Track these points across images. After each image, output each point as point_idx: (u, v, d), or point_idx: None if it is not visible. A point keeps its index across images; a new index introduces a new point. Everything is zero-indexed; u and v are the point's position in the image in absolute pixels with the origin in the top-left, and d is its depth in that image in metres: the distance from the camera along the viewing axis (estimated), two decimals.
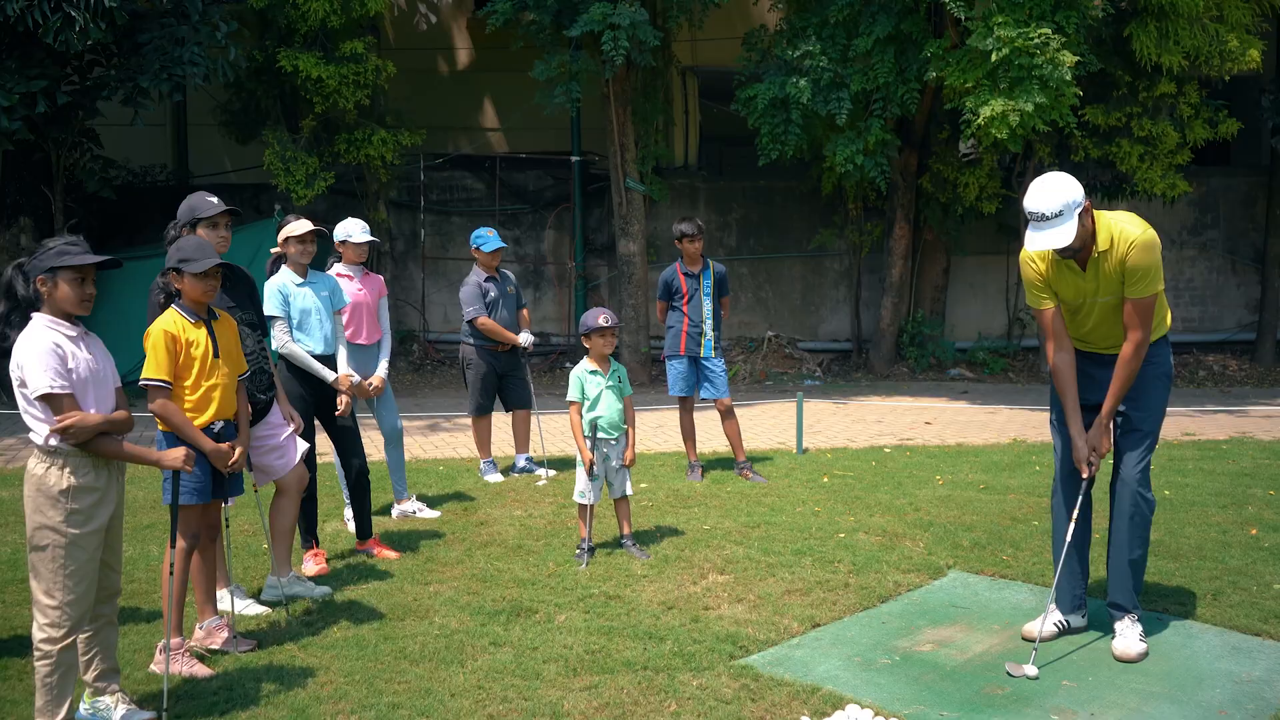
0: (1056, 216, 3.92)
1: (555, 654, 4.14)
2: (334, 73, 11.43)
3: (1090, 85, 11.36)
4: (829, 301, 15.30)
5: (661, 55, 13.33)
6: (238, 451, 3.91)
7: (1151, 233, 4.03)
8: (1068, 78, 9.41)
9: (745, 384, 13.65)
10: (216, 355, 3.86)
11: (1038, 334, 4.80)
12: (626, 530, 5.61)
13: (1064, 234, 3.90)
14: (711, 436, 8.62)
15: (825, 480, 7.30)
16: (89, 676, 3.56)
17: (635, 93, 13.39)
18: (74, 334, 3.36)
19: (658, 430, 9.53)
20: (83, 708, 3.57)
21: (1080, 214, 3.92)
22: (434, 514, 6.43)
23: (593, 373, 5.50)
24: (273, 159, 11.87)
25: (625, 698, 3.75)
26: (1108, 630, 4.32)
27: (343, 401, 5.36)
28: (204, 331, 3.84)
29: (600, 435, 5.45)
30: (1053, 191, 3.93)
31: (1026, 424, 9.81)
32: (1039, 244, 3.95)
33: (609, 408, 5.47)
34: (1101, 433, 4.20)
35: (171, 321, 3.77)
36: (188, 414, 3.77)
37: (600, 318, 5.43)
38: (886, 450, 8.48)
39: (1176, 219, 14.93)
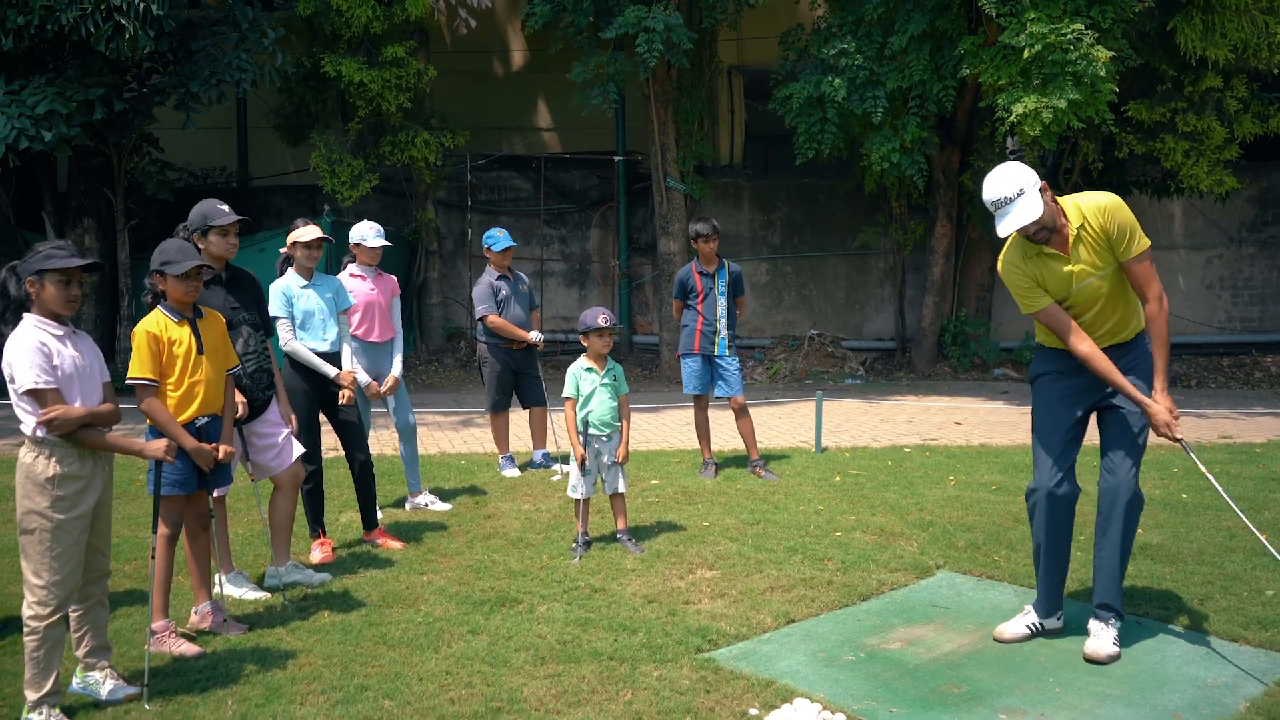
0: (1019, 196, 3.92)
1: (528, 643, 4.28)
2: (376, 77, 11.75)
3: (1135, 80, 11.13)
4: (873, 300, 15.22)
5: (700, 56, 13.41)
6: (221, 451, 4.11)
7: (1114, 196, 4.04)
8: (1102, 73, 9.25)
9: (784, 382, 13.66)
10: (201, 352, 4.07)
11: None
12: (622, 525, 5.73)
13: (1030, 208, 3.88)
14: (732, 435, 8.68)
15: (837, 479, 7.32)
16: (80, 653, 3.80)
17: (676, 92, 13.50)
18: (61, 333, 3.59)
19: (685, 428, 9.62)
20: (75, 682, 3.81)
21: (1039, 190, 3.93)
22: (445, 507, 6.62)
23: (589, 370, 5.63)
24: (319, 161, 12.25)
25: (584, 686, 3.86)
26: (1083, 633, 4.30)
27: (344, 396, 5.57)
28: (187, 329, 4.06)
29: (592, 431, 5.58)
30: (1007, 177, 3.95)
31: None
32: (1010, 226, 3.90)
33: (602, 405, 5.59)
34: (1168, 399, 4.06)
35: (154, 322, 4.00)
36: (172, 409, 3.99)
37: (599, 318, 5.56)
38: (906, 450, 8.46)
39: (1235, 215, 14.53)
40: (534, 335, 7.56)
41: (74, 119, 10.22)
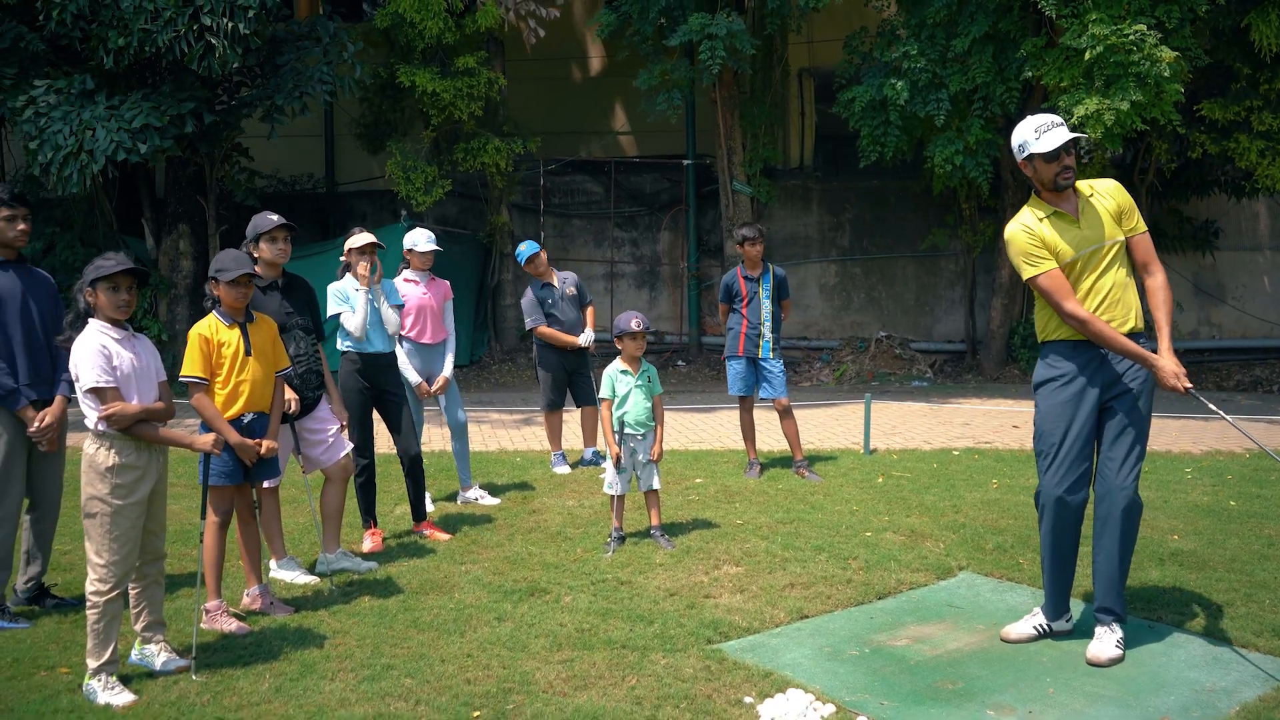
0: (1062, 123, 4.14)
1: (548, 630, 4.53)
2: (449, 86, 12.19)
3: (1209, 78, 10.88)
4: (944, 302, 15.11)
5: (768, 60, 13.53)
6: (264, 446, 4.46)
7: None
8: (1167, 74, 9.10)
9: (851, 384, 13.69)
10: (248, 353, 4.43)
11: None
12: (655, 521, 5.95)
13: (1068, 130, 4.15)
14: (781, 436, 8.80)
15: (880, 480, 7.41)
16: (138, 627, 4.18)
17: (743, 97, 13.64)
18: (120, 336, 3.97)
19: (737, 428, 9.75)
20: (133, 654, 4.20)
21: None
22: (494, 501, 6.93)
23: (623, 372, 5.87)
24: (394, 168, 12.75)
25: (593, 671, 4.09)
26: (1090, 635, 4.35)
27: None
28: (237, 332, 4.42)
29: (627, 431, 5.81)
30: (1043, 114, 4.24)
31: None
32: (1063, 135, 4.08)
33: (636, 406, 5.82)
34: (1174, 357, 4.06)
35: (206, 325, 4.38)
36: (220, 406, 4.37)
37: (633, 322, 5.80)
38: (955, 453, 8.48)
39: None
40: (582, 339, 7.84)
41: (167, 132, 10.88)
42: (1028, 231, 4.21)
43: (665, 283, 16.17)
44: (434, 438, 9.05)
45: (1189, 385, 4.04)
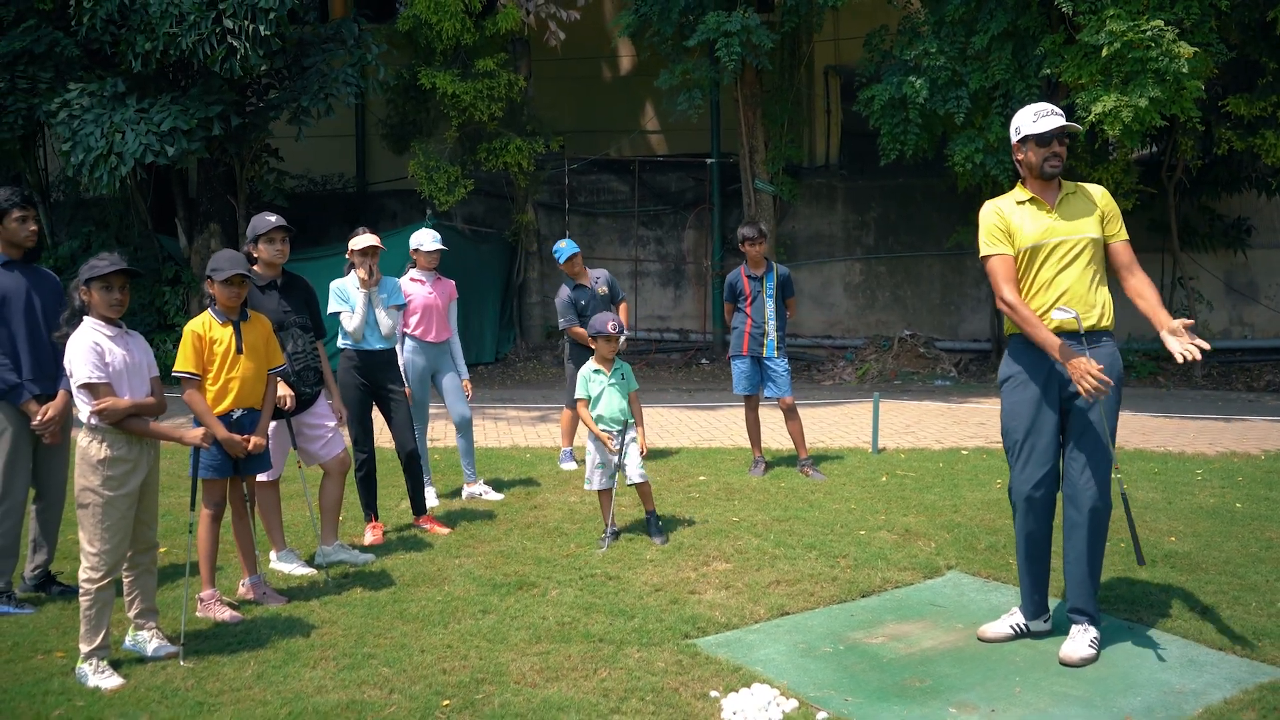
0: (1059, 113, 4.19)
1: (530, 623, 4.61)
2: (469, 88, 12.34)
3: (1236, 73, 10.71)
4: (969, 300, 15.01)
5: (792, 57, 13.52)
6: (252, 442, 4.60)
7: None
8: (1185, 70, 8.98)
9: (873, 383, 13.64)
10: (240, 351, 4.57)
11: (1004, 315, 4.68)
12: (649, 507, 6.01)
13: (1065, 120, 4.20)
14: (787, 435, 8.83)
15: (883, 479, 7.42)
16: (132, 614, 4.33)
17: (765, 95, 13.64)
18: (112, 334, 4.12)
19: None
20: (127, 640, 4.35)
21: None
22: (498, 496, 7.05)
23: (597, 372, 5.97)
24: (417, 168, 12.94)
25: (567, 664, 4.17)
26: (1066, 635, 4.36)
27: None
28: (229, 330, 4.56)
29: (602, 428, 5.92)
30: (1041, 103, 4.33)
31: (1139, 429, 9.44)
32: (1059, 121, 4.16)
33: (610, 404, 5.92)
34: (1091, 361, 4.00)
35: (200, 322, 4.53)
36: (210, 401, 4.51)
37: (608, 324, 5.90)
38: (964, 452, 8.45)
39: None
40: None
41: (194, 135, 11.13)
42: (997, 213, 4.28)
43: (689, 281, 16.23)
44: (447, 434, 9.19)
45: (1106, 381, 3.91)
